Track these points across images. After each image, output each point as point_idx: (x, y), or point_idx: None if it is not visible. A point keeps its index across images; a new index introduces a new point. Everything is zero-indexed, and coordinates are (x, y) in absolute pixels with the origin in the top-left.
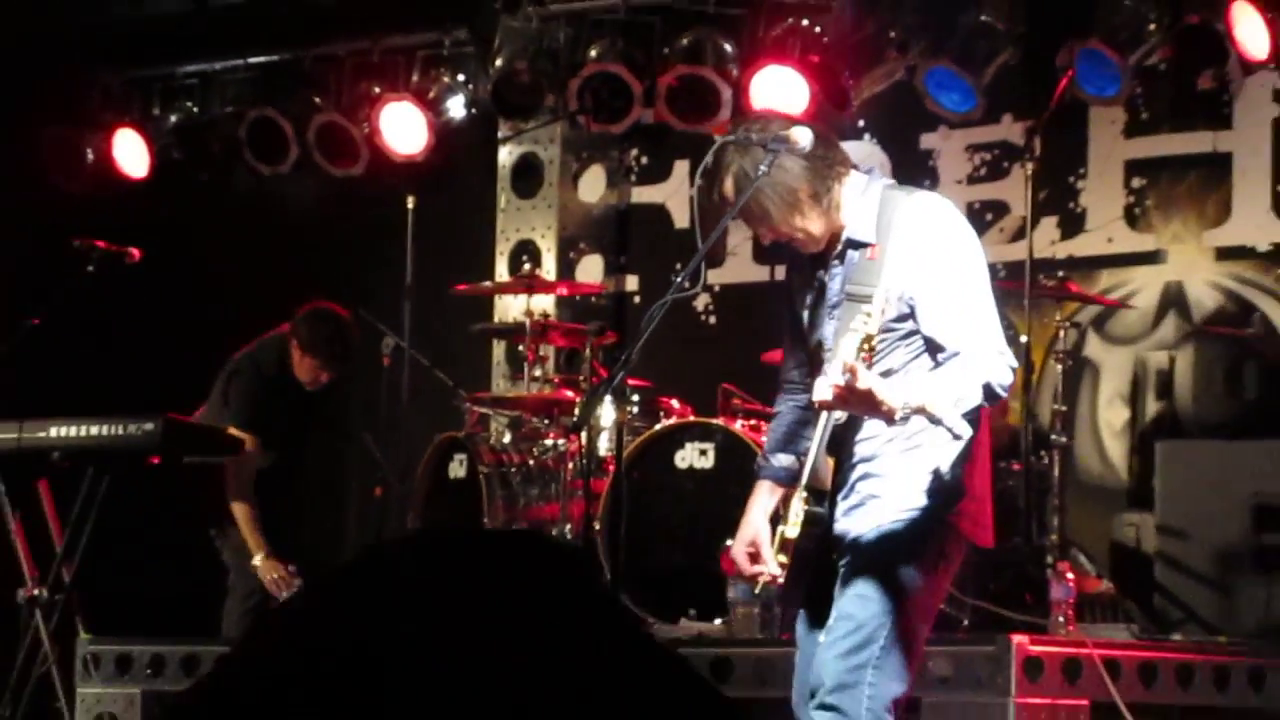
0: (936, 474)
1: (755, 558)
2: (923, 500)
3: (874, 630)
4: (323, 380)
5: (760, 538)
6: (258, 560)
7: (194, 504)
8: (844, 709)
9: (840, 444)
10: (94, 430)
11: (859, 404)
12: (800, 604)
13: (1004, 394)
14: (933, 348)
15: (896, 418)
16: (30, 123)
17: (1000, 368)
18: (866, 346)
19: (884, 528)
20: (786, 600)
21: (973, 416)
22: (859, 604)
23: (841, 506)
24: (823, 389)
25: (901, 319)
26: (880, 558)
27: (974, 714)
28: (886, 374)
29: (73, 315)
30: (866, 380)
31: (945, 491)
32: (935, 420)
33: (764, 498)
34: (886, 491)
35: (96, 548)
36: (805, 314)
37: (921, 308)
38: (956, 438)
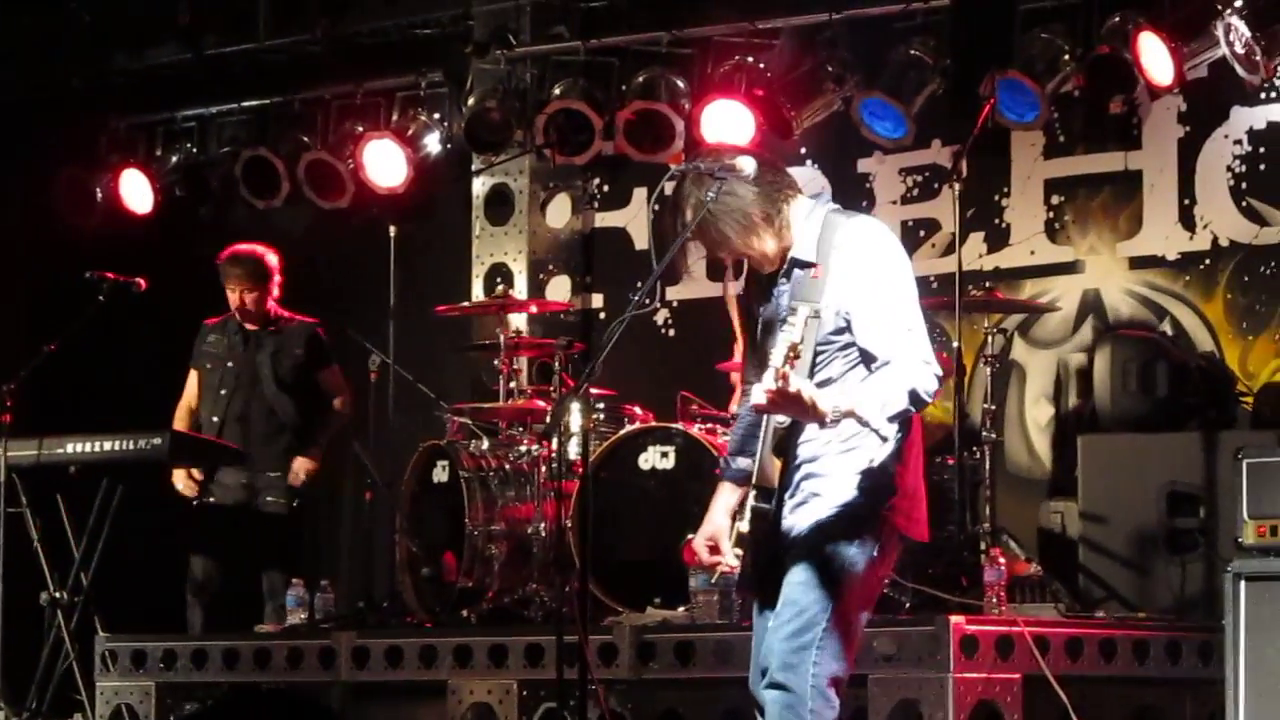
0: (871, 473)
1: (714, 550)
2: (859, 497)
3: (815, 615)
4: (246, 303)
5: (720, 533)
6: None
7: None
8: (791, 686)
9: (786, 446)
10: (107, 445)
11: (791, 407)
12: (755, 588)
13: (930, 400)
14: (867, 358)
15: (827, 421)
16: (42, 165)
17: (926, 376)
18: (793, 354)
19: (824, 522)
20: (743, 589)
21: (901, 420)
22: (802, 591)
23: (788, 504)
24: (758, 394)
25: (839, 331)
26: (821, 549)
27: (916, 688)
28: (826, 382)
29: (86, 341)
30: (796, 384)
31: (879, 489)
32: (863, 423)
33: (725, 496)
34: (826, 489)
35: (111, 553)
36: (759, 325)
37: (856, 321)
38: (883, 439)
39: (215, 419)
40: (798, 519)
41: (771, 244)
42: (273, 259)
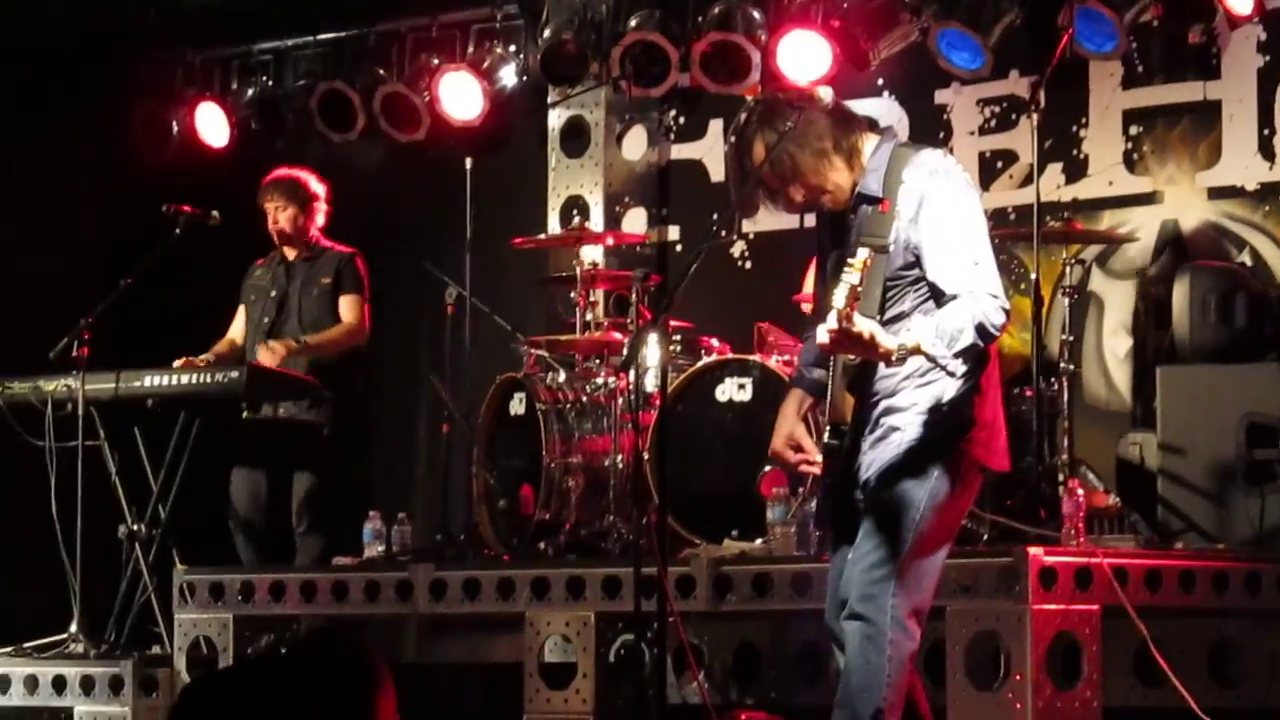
0: (949, 405)
1: (798, 448)
2: (937, 429)
3: (895, 546)
4: (281, 223)
5: (798, 431)
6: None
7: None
8: (870, 617)
9: (861, 383)
10: (184, 380)
11: (855, 347)
12: (830, 524)
13: (997, 333)
14: (936, 292)
15: (894, 359)
16: (118, 100)
17: (993, 309)
18: (853, 295)
19: (902, 455)
20: (821, 524)
21: (973, 353)
22: (881, 522)
23: (867, 439)
24: (821, 334)
25: (908, 266)
26: (900, 481)
27: (993, 620)
28: (898, 317)
29: (162, 276)
30: (859, 325)
31: (957, 421)
32: (930, 359)
33: (796, 401)
34: (904, 423)
35: (188, 487)
36: (831, 260)
37: (925, 256)
38: (951, 374)
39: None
40: (877, 454)
41: (843, 176)
42: (316, 185)
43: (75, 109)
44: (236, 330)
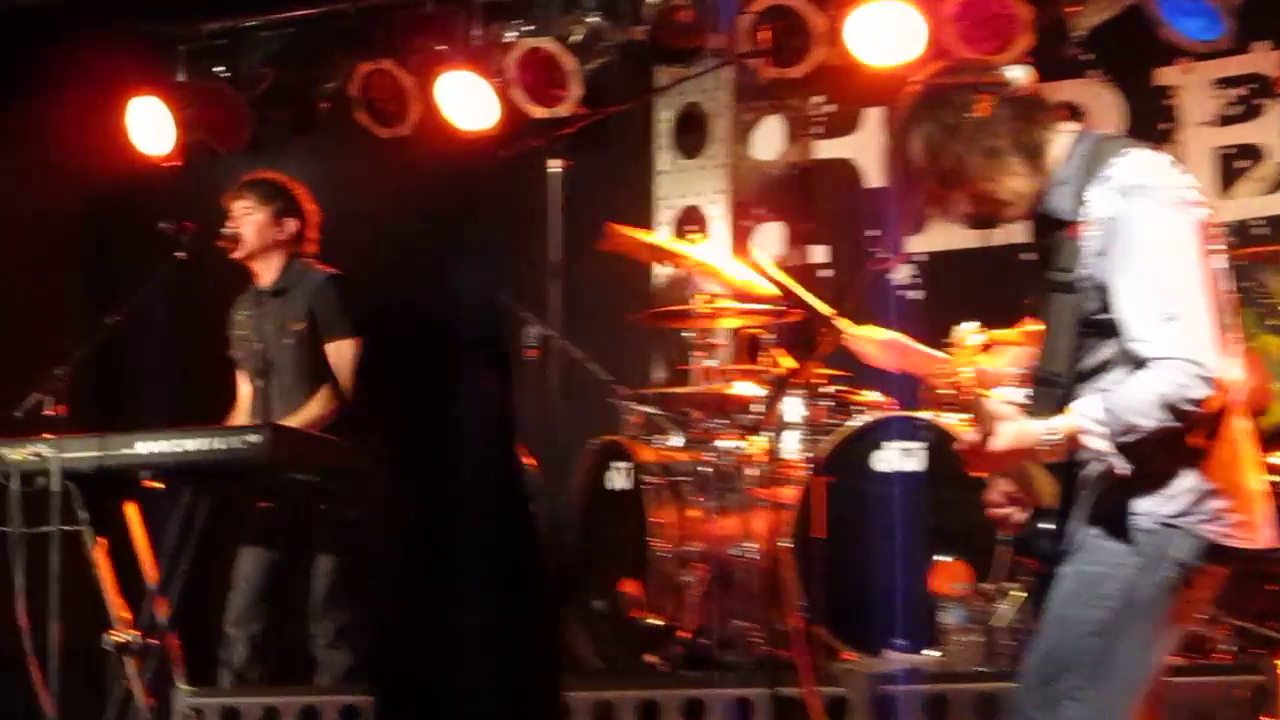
0: (1172, 476)
1: (1016, 500)
2: (1155, 506)
3: (1073, 657)
4: (245, 236)
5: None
6: None
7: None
8: None
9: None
10: (189, 444)
11: (1000, 462)
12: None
13: (1196, 409)
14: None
15: (1044, 450)
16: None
17: (1190, 380)
18: (979, 382)
19: (1106, 538)
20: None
21: (1160, 441)
22: (1059, 626)
23: (1070, 518)
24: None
25: (1105, 309)
26: (1096, 571)
27: None
28: (1101, 369)
29: (160, 309)
30: (996, 443)
31: (1184, 494)
32: (1094, 452)
33: None
34: (1115, 499)
35: (195, 581)
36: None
37: (1112, 305)
38: (1120, 471)
39: (258, 420)
40: (1078, 534)
41: (1024, 182)
42: (297, 190)
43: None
44: (242, 397)
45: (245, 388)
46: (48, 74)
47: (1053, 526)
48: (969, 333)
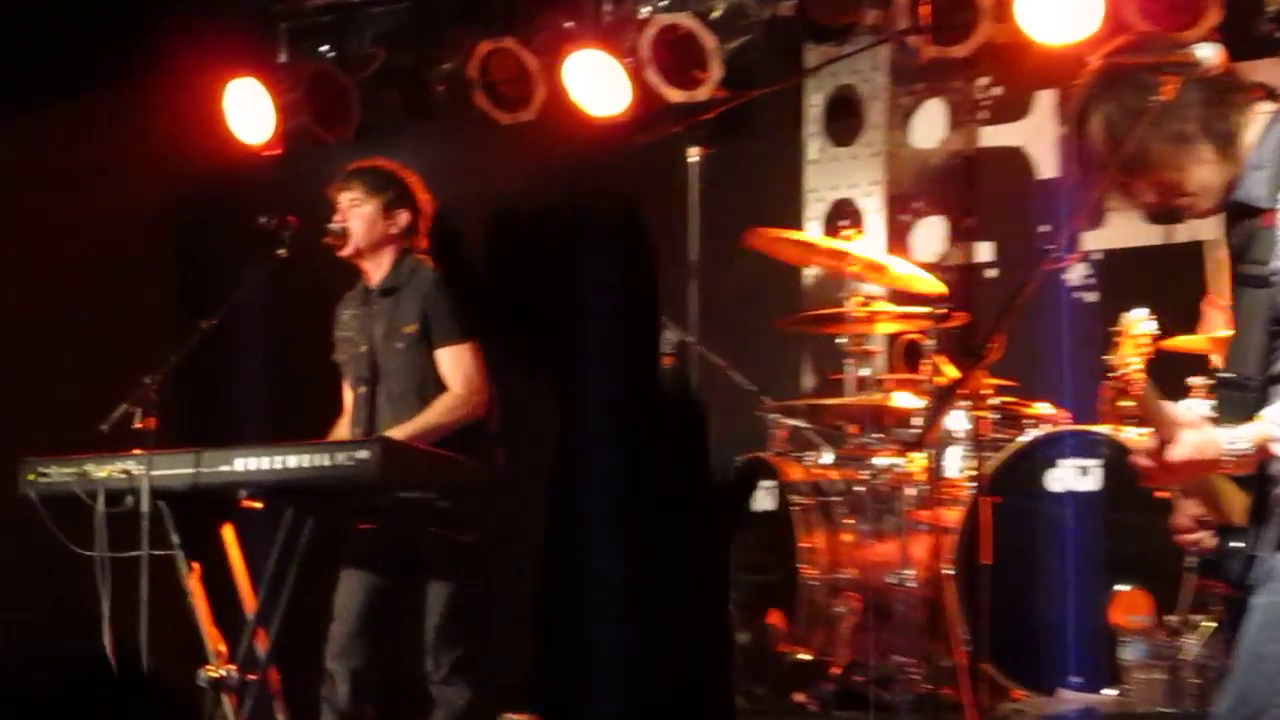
0: None
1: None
2: None
3: (1266, 699)
4: (353, 231)
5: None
6: None
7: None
8: None
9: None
10: (292, 461)
11: (1180, 474)
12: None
13: None
14: None
15: (1227, 460)
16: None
17: None
18: (1152, 389)
19: None
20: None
21: None
22: (1252, 664)
23: (1260, 540)
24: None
25: None
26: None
27: None
28: None
29: (260, 311)
30: (1175, 452)
31: None
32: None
33: None
34: None
35: (298, 610)
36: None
37: None
38: None
39: (359, 430)
40: (1266, 558)
41: (1213, 171)
42: (410, 180)
43: (92, 87)
44: (350, 407)
45: (349, 395)
46: (136, 56)
47: (1243, 545)
48: (1138, 320)
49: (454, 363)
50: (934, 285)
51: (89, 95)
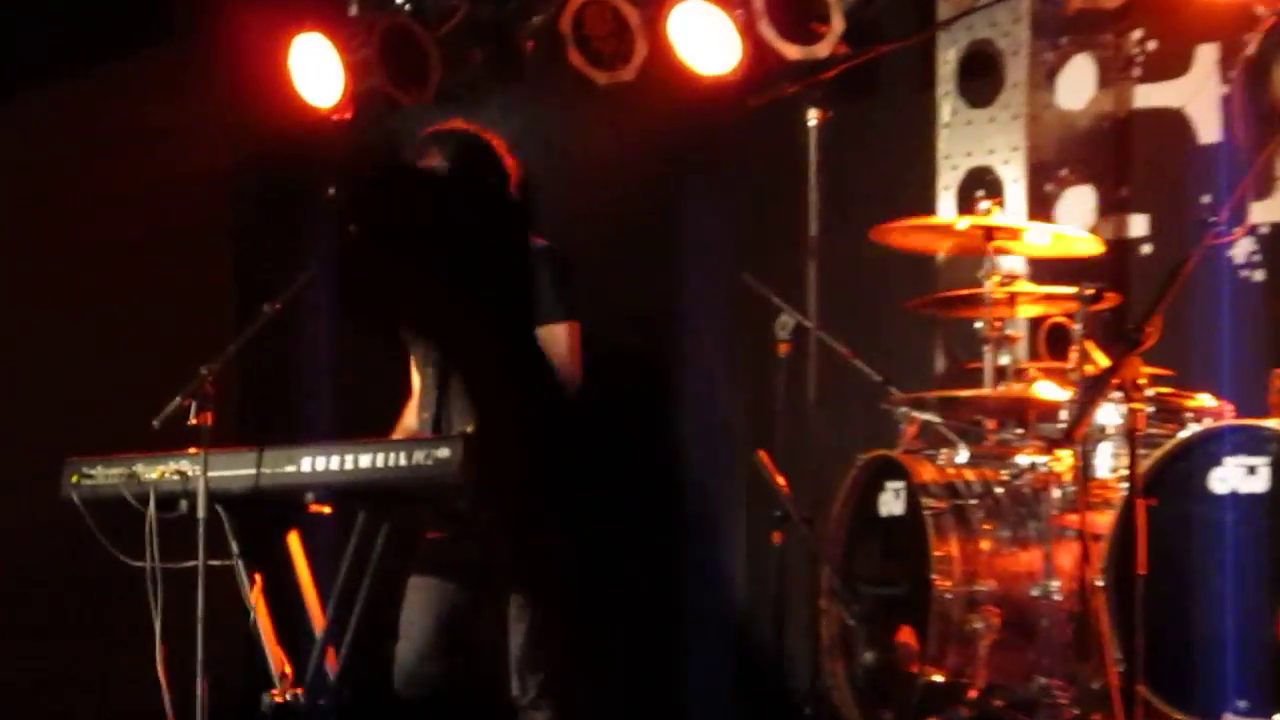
0: None
1: None
2: None
3: None
4: None
5: None
6: None
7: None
8: None
9: None
10: (365, 460)
11: None
12: None
13: None
14: None
15: None
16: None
17: None
18: None
19: None
20: None
21: None
22: None
23: None
24: None
25: None
26: None
27: None
28: None
29: (328, 295)
30: None
31: None
32: None
33: None
34: None
35: (376, 625)
36: None
37: None
38: None
39: (426, 415)
40: None
41: None
42: (495, 144)
43: (144, 45)
44: (416, 391)
45: (416, 378)
46: (192, 11)
47: None
48: None
49: (554, 343)
50: (1093, 245)
51: (140, 55)
